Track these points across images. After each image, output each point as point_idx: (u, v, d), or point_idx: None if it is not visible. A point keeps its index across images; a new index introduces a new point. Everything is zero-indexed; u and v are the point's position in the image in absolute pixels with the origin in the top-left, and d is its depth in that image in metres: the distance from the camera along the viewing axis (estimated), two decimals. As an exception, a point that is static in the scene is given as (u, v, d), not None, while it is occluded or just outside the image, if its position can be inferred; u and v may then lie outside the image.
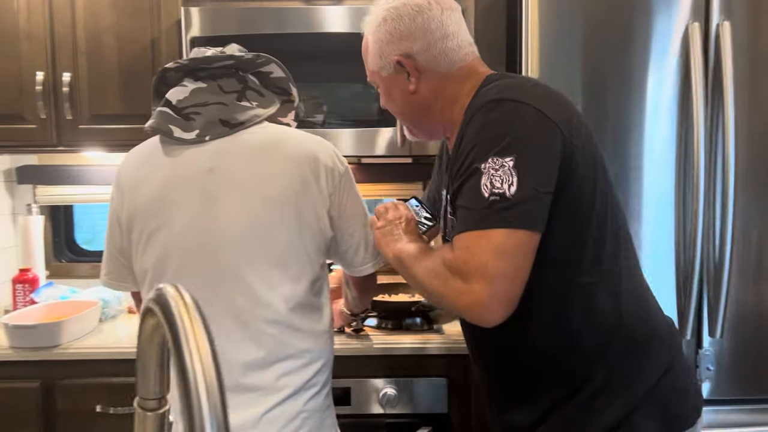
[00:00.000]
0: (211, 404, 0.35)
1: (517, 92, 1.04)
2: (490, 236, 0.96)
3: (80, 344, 1.76)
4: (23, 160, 2.31)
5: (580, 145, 1.03)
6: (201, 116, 1.21)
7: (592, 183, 1.05)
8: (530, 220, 0.97)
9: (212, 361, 0.36)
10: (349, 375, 1.70)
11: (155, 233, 1.20)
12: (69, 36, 1.89)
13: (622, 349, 1.07)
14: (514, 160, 0.97)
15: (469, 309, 0.98)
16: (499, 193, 0.96)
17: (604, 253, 1.06)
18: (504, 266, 0.95)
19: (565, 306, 1.07)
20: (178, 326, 0.37)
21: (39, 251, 2.17)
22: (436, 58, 1.16)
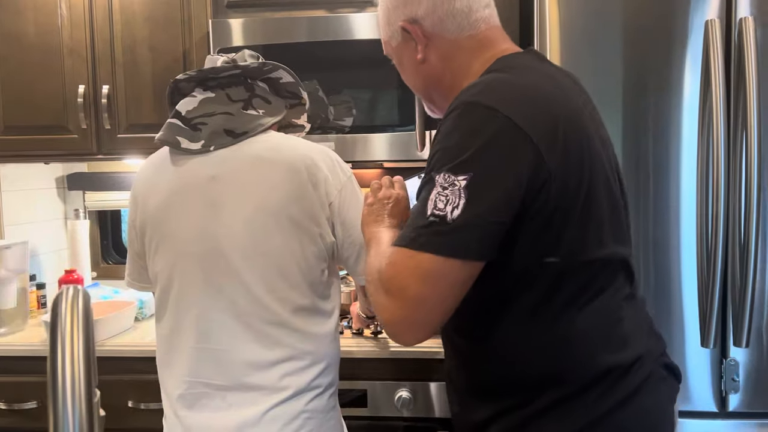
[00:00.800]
0: (75, 402, 0.37)
1: (498, 95, 0.93)
2: (419, 259, 0.89)
3: (115, 342, 1.85)
4: (74, 168, 2.46)
5: (564, 164, 0.92)
6: (207, 126, 1.26)
7: (571, 208, 0.93)
8: (466, 249, 0.88)
9: (83, 361, 0.39)
10: (366, 377, 1.72)
11: (162, 239, 1.27)
12: (108, 50, 2.00)
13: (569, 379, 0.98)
14: (468, 179, 0.87)
15: (386, 326, 0.95)
16: (440, 215, 0.88)
17: (565, 285, 0.96)
18: (425, 293, 0.89)
19: (508, 329, 1.00)
20: (58, 325, 0.40)
21: (85, 253, 2.30)
22: (443, 20, 1.05)
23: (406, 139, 1.85)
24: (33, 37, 2.01)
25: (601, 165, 0.99)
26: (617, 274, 1.01)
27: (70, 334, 0.41)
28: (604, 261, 0.98)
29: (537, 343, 0.98)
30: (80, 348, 0.41)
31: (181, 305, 1.25)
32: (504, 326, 1.00)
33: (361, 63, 1.88)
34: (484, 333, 1.02)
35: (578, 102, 1.00)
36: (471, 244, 0.88)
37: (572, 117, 0.96)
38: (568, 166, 0.92)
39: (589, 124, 0.99)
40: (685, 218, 1.52)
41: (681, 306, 1.54)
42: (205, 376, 1.23)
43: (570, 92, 1.01)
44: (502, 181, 0.88)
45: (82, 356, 0.41)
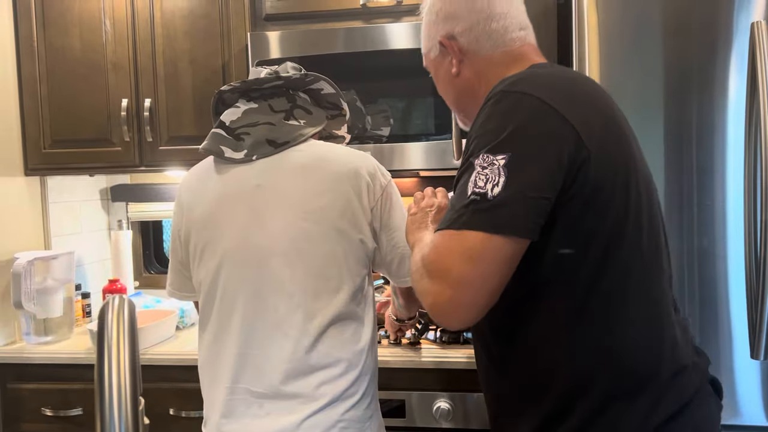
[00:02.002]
0: (121, 410, 0.38)
1: (532, 84, 0.95)
2: (462, 238, 0.88)
3: (156, 350, 1.89)
4: (117, 179, 2.52)
5: (602, 151, 0.92)
6: (250, 136, 1.29)
7: (609, 195, 0.93)
8: (510, 225, 0.88)
9: (129, 369, 0.39)
10: (404, 387, 1.71)
11: (207, 247, 1.29)
12: (149, 64, 2.05)
13: (608, 388, 0.95)
14: (507, 158, 0.88)
15: (431, 310, 0.94)
16: (481, 192, 0.88)
17: (605, 279, 0.94)
18: (470, 272, 0.88)
19: (548, 330, 0.97)
20: (104, 334, 0.41)
21: (128, 263, 2.35)
22: (479, 39, 1.10)
23: (442, 148, 1.85)
24: (78, 52, 2.07)
25: (641, 164, 1.00)
26: (662, 282, 0.99)
27: (116, 343, 0.42)
28: (646, 262, 0.98)
29: (576, 346, 0.96)
30: (126, 356, 0.42)
31: (224, 312, 1.27)
32: (541, 327, 0.98)
33: (398, 72, 1.88)
34: (522, 333, 1.00)
35: (612, 102, 1.03)
36: (514, 219, 0.88)
37: (607, 110, 0.99)
38: (606, 151, 0.93)
39: (624, 124, 1.01)
40: (731, 225, 1.48)
41: (729, 317, 1.49)
42: (246, 382, 1.24)
43: (604, 93, 1.04)
44: (541, 158, 0.89)
45: (128, 364, 0.41)
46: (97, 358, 0.42)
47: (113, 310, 0.44)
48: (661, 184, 1.50)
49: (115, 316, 0.44)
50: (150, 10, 2.04)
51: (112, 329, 0.43)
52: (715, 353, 1.49)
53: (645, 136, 1.50)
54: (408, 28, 1.85)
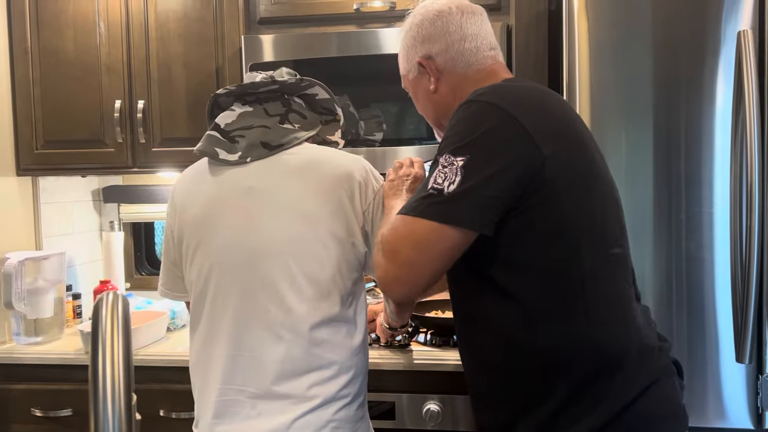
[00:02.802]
0: (115, 403, 0.39)
1: (495, 94, 1.06)
2: (414, 224, 1.01)
3: (147, 351, 1.89)
4: (109, 180, 2.52)
5: (559, 155, 1.02)
6: (245, 139, 1.30)
7: (568, 196, 1.04)
8: (457, 217, 0.99)
9: (123, 363, 0.40)
10: (394, 389, 1.72)
11: (199, 247, 1.30)
12: (143, 66, 2.06)
13: (586, 367, 1.05)
14: (465, 160, 1.00)
15: (379, 281, 1.08)
16: (438, 188, 1.00)
17: (570, 273, 1.05)
18: (415, 256, 1.01)
19: (518, 315, 1.07)
20: (99, 330, 0.42)
21: (119, 264, 2.35)
22: (454, 59, 1.21)
23: (434, 152, 1.86)
24: (72, 54, 2.08)
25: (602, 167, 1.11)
26: (626, 270, 1.11)
27: (110, 338, 0.43)
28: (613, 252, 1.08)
29: (551, 332, 1.05)
30: (120, 351, 0.43)
31: (216, 312, 1.27)
32: (516, 316, 1.07)
33: (390, 77, 1.88)
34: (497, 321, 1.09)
35: (571, 112, 1.14)
36: (461, 212, 1.00)
37: (565, 118, 1.10)
38: (563, 155, 1.03)
39: (583, 131, 1.12)
40: (718, 232, 1.50)
41: (715, 321, 1.51)
42: (237, 383, 1.25)
43: (565, 105, 1.15)
44: (497, 161, 1.00)
45: (122, 359, 0.42)
46: (91, 353, 0.43)
47: (107, 306, 0.45)
48: (650, 190, 1.52)
49: (110, 311, 0.45)
50: (144, 13, 2.04)
51: (107, 324, 0.43)
52: (701, 357, 1.51)
53: (633, 142, 1.52)
54: (399, 34, 1.86)
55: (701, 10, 1.49)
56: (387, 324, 1.68)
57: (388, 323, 1.68)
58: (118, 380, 0.41)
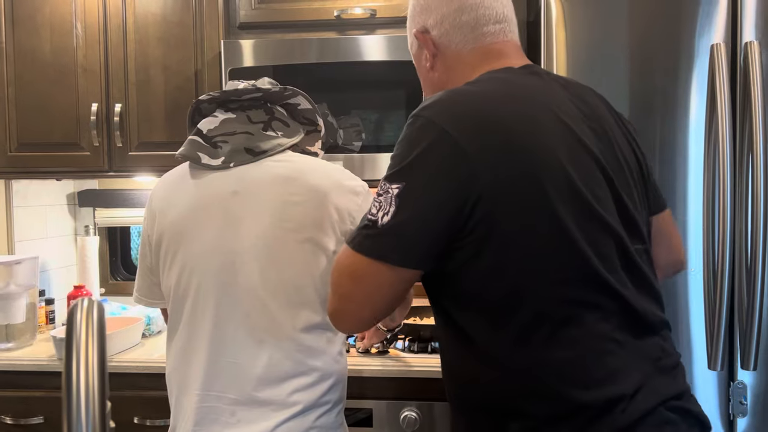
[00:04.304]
0: (89, 410, 0.38)
1: (444, 109, 0.92)
2: (352, 258, 0.95)
3: (121, 358, 1.86)
4: (85, 184, 2.49)
5: (505, 186, 0.89)
6: (228, 144, 1.29)
7: (513, 230, 0.90)
8: (390, 254, 0.92)
9: (98, 369, 0.40)
10: (372, 396, 1.72)
11: (179, 252, 1.28)
12: (121, 69, 2.04)
13: (534, 413, 0.92)
14: (400, 188, 0.91)
15: (328, 314, 1.04)
16: (373, 219, 0.93)
17: (519, 310, 0.91)
18: (354, 290, 0.96)
19: (471, 351, 0.97)
20: (73, 335, 0.42)
21: (94, 270, 2.32)
22: (449, 32, 1.07)
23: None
24: (48, 55, 2.05)
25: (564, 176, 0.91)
26: (600, 302, 0.93)
27: (85, 345, 0.42)
28: (575, 286, 0.92)
29: (496, 369, 0.94)
30: (95, 358, 0.42)
31: (195, 318, 1.26)
32: (464, 348, 0.98)
33: (370, 84, 1.90)
34: (452, 352, 1.03)
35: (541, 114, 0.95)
36: (395, 249, 0.92)
37: (526, 130, 0.92)
38: (506, 180, 0.89)
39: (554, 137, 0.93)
40: (691, 240, 1.53)
41: (688, 328, 1.54)
42: (217, 389, 1.23)
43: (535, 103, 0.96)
44: (433, 192, 0.90)
45: (97, 366, 0.42)
46: (65, 359, 0.42)
47: (82, 311, 0.45)
48: (625, 198, 1.54)
49: (84, 316, 0.44)
50: (122, 15, 2.03)
51: (81, 330, 0.43)
52: (674, 364, 1.53)
53: (610, 151, 1.54)
54: (382, 41, 1.88)
55: (676, 23, 1.52)
56: (384, 327, 1.69)
57: (385, 325, 1.69)
58: (92, 387, 0.40)
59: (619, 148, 1.01)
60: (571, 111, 0.98)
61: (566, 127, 0.95)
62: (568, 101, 1.00)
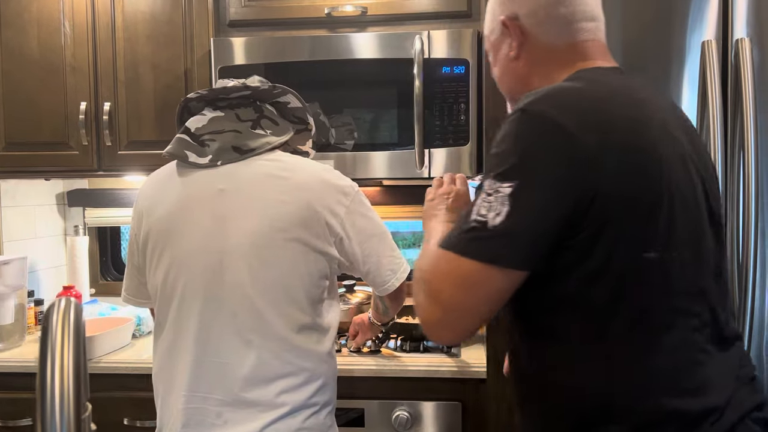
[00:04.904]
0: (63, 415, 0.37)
1: (555, 103, 0.89)
2: (458, 263, 0.88)
3: (111, 359, 1.84)
4: (75, 184, 2.47)
5: (621, 183, 0.86)
6: (215, 142, 1.28)
7: (625, 228, 0.87)
8: (505, 257, 0.86)
9: (73, 373, 0.39)
10: (364, 396, 1.71)
11: (166, 251, 1.27)
12: (110, 67, 2.02)
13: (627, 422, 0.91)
14: (513, 187, 0.86)
15: (422, 324, 0.95)
16: (482, 221, 0.86)
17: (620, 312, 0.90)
18: (461, 298, 0.88)
19: (565, 355, 0.94)
20: (48, 337, 0.40)
21: (84, 270, 2.30)
22: (542, 23, 1.03)
23: (406, 158, 1.86)
24: (36, 53, 2.03)
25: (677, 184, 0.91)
26: (696, 311, 0.92)
27: (60, 346, 0.41)
28: (678, 293, 0.91)
29: (590, 371, 0.93)
30: (70, 360, 0.41)
31: (182, 317, 1.25)
32: (551, 352, 0.96)
33: (363, 83, 1.89)
34: (538, 355, 0.98)
35: (654, 119, 0.94)
36: (510, 251, 0.87)
37: (636, 130, 0.91)
38: (623, 179, 0.87)
39: (662, 143, 0.92)
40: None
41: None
42: (203, 390, 1.22)
43: (646, 107, 0.95)
44: (548, 190, 0.86)
45: (72, 369, 0.41)
46: (39, 362, 0.41)
47: (59, 312, 0.44)
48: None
49: (60, 318, 0.43)
50: (111, 13, 2.01)
51: (56, 332, 0.42)
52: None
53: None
54: (373, 38, 1.87)
55: (667, 20, 1.52)
56: (380, 322, 1.69)
57: (380, 320, 1.68)
58: (67, 390, 0.39)
59: (708, 161, 1.02)
60: (672, 117, 0.98)
61: (671, 133, 0.94)
62: (668, 107, 1.00)
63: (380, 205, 2.22)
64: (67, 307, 0.45)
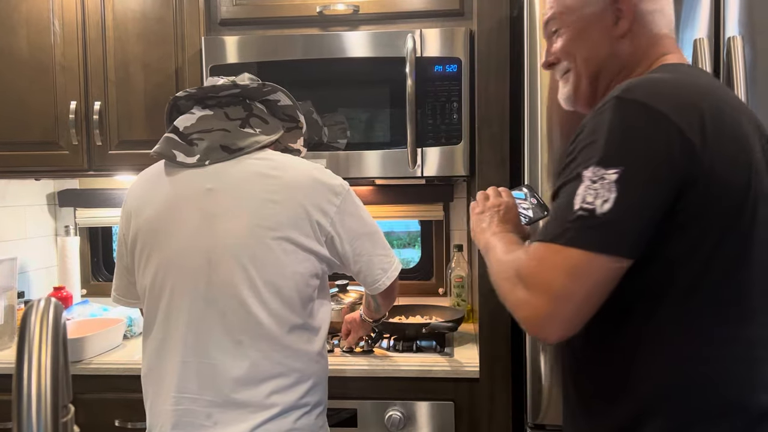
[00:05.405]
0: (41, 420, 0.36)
1: (651, 92, 0.90)
2: (567, 254, 0.87)
3: (102, 360, 1.83)
4: (66, 184, 2.45)
5: (717, 169, 0.88)
6: (204, 141, 1.27)
7: (716, 216, 0.89)
8: (617, 245, 0.86)
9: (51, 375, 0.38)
10: (357, 396, 1.70)
11: (155, 251, 1.26)
12: (100, 67, 2.00)
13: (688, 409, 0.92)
14: (618, 173, 0.85)
15: (526, 321, 0.92)
16: (589, 209, 0.86)
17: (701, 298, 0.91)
18: (573, 288, 0.87)
19: (637, 341, 0.94)
20: (26, 339, 0.39)
21: (75, 270, 2.28)
22: (655, 12, 1.05)
23: (398, 157, 1.85)
24: (26, 53, 2.01)
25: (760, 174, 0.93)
26: None
27: (38, 348, 0.40)
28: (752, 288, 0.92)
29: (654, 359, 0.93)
30: (48, 362, 0.40)
31: (170, 318, 1.24)
32: (630, 337, 0.95)
33: (355, 81, 1.88)
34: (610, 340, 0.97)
35: (742, 113, 0.96)
36: (621, 240, 0.86)
37: (735, 123, 0.92)
38: (724, 166, 0.88)
39: (750, 136, 0.94)
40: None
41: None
42: (193, 391, 1.21)
43: (734, 102, 0.98)
44: (654, 176, 0.86)
45: (50, 370, 0.40)
46: (16, 364, 0.40)
47: (37, 313, 0.43)
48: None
49: (39, 318, 0.42)
50: (101, 12, 1.99)
51: (34, 333, 0.41)
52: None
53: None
54: (365, 37, 1.86)
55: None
56: (370, 318, 1.69)
57: (372, 317, 1.68)
58: (44, 393, 0.38)
59: None
60: (748, 112, 1.00)
61: (756, 129, 0.97)
62: (744, 105, 1.03)
63: (373, 205, 2.21)
64: (46, 308, 0.44)
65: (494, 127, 1.69)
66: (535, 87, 1.53)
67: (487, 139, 1.70)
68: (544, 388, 1.54)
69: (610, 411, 0.97)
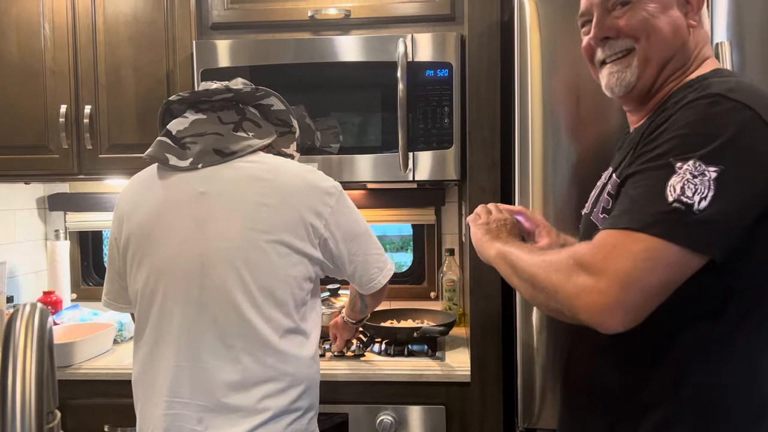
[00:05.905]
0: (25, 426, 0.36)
1: (749, 96, 0.89)
2: (650, 244, 0.84)
3: (92, 365, 1.82)
4: (56, 188, 2.44)
5: None
6: (197, 145, 1.27)
7: None
8: (709, 245, 0.85)
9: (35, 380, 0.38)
10: (348, 401, 1.70)
11: (147, 255, 1.26)
12: (91, 70, 1.99)
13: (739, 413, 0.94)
14: (719, 172, 0.83)
15: (590, 308, 0.87)
16: (687, 203, 0.83)
17: None
18: (648, 279, 0.84)
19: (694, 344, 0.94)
20: (10, 344, 0.39)
21: (65, 275, 2.27)
22: (703, 17, 1.05)
23: (390, 161, 1.85)
24: (16, 57, 2.00)
25: None
26: None
27: (22, 354, 0.40)
28: None
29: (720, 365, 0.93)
30: (33, 367, 0.40)
31: (163, 322, 1.24)
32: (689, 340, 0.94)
33: (347, 86, 1.88)
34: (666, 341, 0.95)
35: None
36: (713, 240, 0.85)
37: None
38: None
39: None
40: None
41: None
42: (184, 395, 1.21)
43: None
44: (751, 179, 0.86)
45: (35, 376, 0.40)
46: (0, 370, 0.40)
47: (22, 318, 0.42)
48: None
49: (24, 323, 0.42)
50: (92, 16, 1.98)
51: (19, 338, 0.41)
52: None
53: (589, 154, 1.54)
54: (357, 41, 1.86)
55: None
56: (353, 320, 1.68)
57: (354, 318, 1.67)
58: (29, 399, 0.38)
59: None
60: None
61: None
62: None
63: (365, 209, 2.21)
64: (31, 313, 0.44)
65: (485, 131, 1.70)
66: (526, 91, 1.54)
67: (478, 143, 1.70)
68: (535, 392, 1.54)
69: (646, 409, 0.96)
